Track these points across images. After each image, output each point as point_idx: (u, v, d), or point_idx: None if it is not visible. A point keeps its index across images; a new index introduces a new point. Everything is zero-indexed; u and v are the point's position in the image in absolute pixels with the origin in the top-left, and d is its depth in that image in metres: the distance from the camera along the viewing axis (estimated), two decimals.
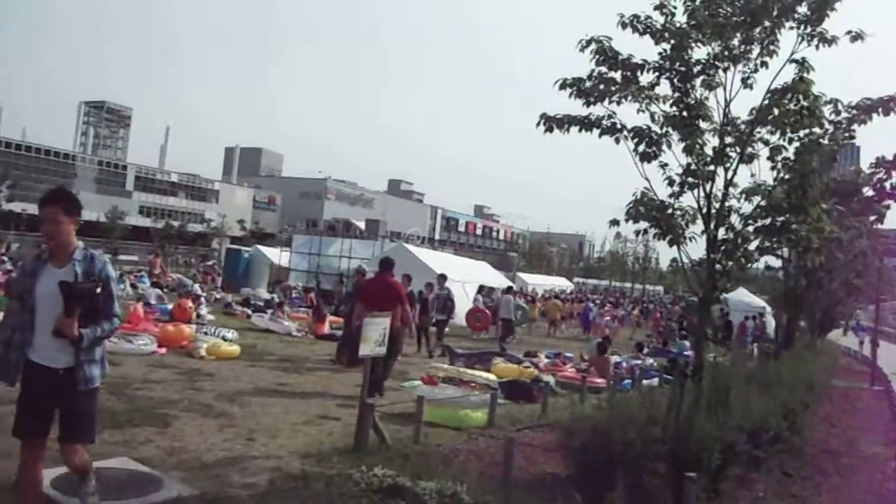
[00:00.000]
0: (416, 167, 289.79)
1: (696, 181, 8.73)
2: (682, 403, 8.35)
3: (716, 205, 8.81)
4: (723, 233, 8.86)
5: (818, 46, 8.49)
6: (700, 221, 8.99)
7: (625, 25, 8.81)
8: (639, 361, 20.49)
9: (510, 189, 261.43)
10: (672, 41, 8.64)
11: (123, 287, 31.32)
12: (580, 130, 8.75)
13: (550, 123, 8.71)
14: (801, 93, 8.29)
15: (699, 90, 8.81)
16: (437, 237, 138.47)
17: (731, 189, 8.86)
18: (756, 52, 8.67)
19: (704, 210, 8.88)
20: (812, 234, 8.53)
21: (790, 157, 8.65)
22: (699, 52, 8.73)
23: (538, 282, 61.87)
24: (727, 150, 8.75)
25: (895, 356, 29.28)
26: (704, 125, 8.82)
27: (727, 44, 8.64)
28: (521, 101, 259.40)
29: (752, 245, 8.98)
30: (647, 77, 8.78)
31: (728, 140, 8.75)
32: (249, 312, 25.39)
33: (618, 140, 8.76)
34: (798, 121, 8.39)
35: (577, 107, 8.87)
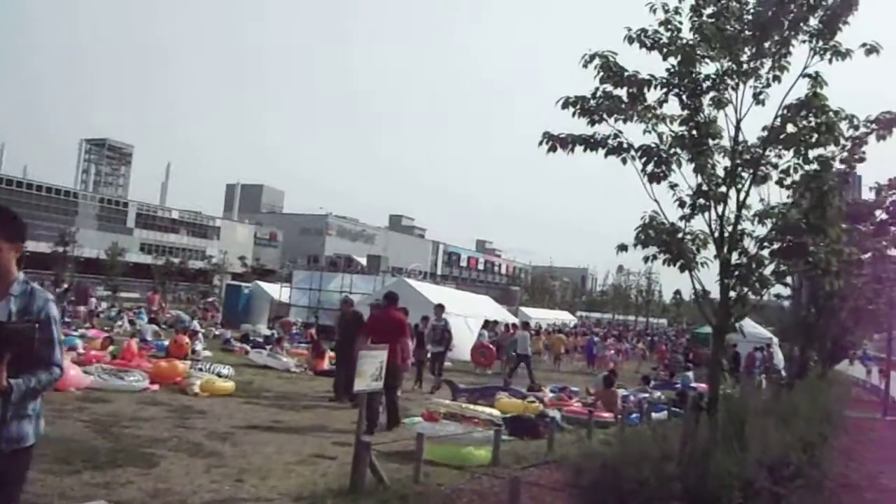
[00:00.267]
0: (418, 203, 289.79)
1: (708, 203, 8.33)
2: (697, 438, 7.90)
3: (728, 228, 8.40)
4: (736, 257, 8.44)
5: (831, 60, 8.12)
6: (711, 245, 8.59)
7: (631, 40, 8.45)
8: (646, 395, 19.98)
9: (512, 223, 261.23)
10: (679, 56, 8.27)
11: (122, 324, 31.13)
12: (585, 150, 8.34)
13: (554, 143, 8.30)
14: (817, 108, 7.90)
15: (708, 108, 8.44)
16: (439, 272, 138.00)
17: (744, 211, 8.45)
18: (767, 67, 8.30)
19: (716, 234, 8.46)
20: (831, 257, 8.11)
21: (807, 176, 8.23)
22: (708, 68, 8.37)
23: (541, 316, 61.21)
24: (739, 171, 8.35)
25: None
26: (714, 144, 8.44)
27: (737, 58, 8.28)
28: (522, 135, 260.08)
29: (768, 269, 8.54)
30: (655, 94, 8.40)
31: (739, 160, 8.36)
32: (248, 348, 25.05)
33: (624, 160, 8.36)
34: (815, 138, 7.99)
35: (582, 127, 8.53)
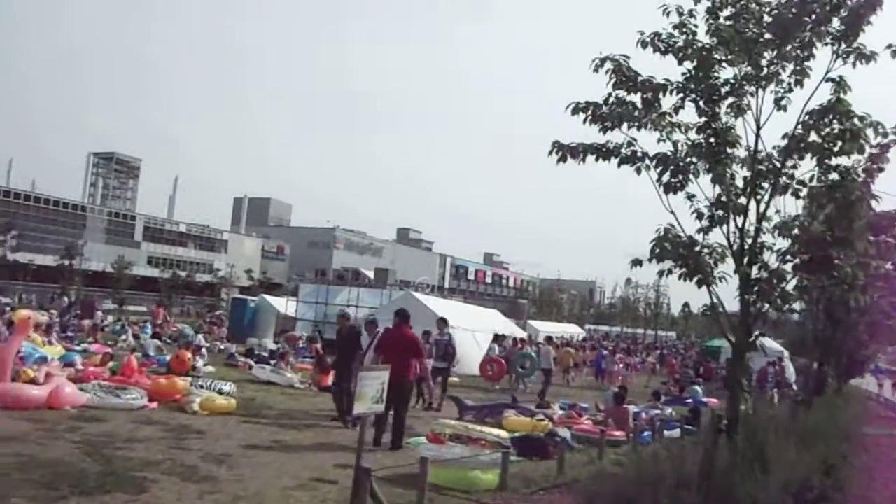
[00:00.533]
0: (425, 216, 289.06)
1: (727, 215, 7.91)
2: (716, 461, 7.46)
3: (748, 241, 7.98)
4: (756, 272, 8.01)
5: (855, 64, 7.71)
6: (729, 260, 8.18)
7: (645, 44, 8.07)
8: (657, 411, 19.49)
9: (519, 236, 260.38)
10: (696, 60, 7.86)
11: (126, 338, 30.75)
12: (597, 159, 7.94)
13: (564, 152, 7.89)
14: (841, 114, 7.48)
15: (726, 115, 8.03)
16: (447, 285, 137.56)
17: (764, 223, 8.03)
18: (789, 71, 7.88)
19: (735, 247, 8.05)
20: (858, 270, 7.67)
21: (830, 186, 7.79)
22: (726, 73, 7.97)
23: (549, 329, 60.57)
24: (759, 181, 7.93)
25: None
26: (733, 153, 8.03)
27: (756, 62, 7.86)
28: (531, 146, 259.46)
29: (790, 285, 8.11)
30: (670, 100, 8.00)
31: (760, 168, 7.94)
32: (252, 363, 24.55)
33: (639, 170, 7.96)
34: (839, 146, 7.57)
35: (593, 135, 8.12)
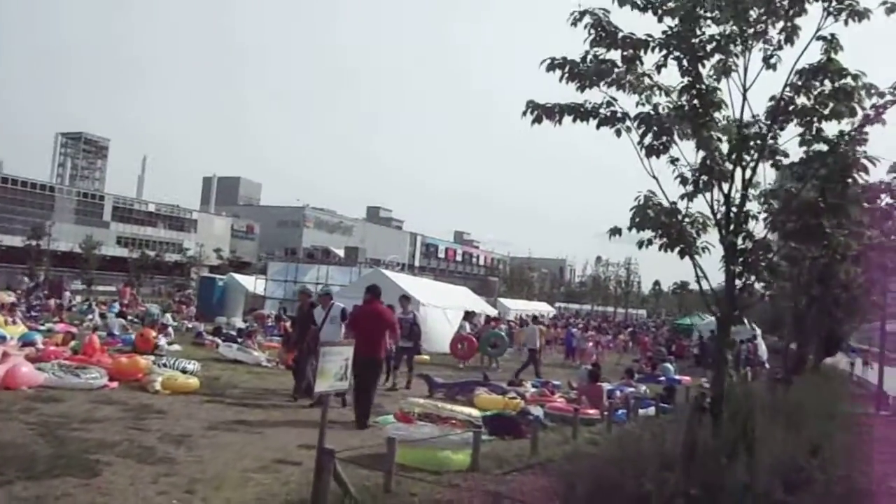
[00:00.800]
0: (395, 194, 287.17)
1: (711, 181, 7.48)
2: (699, 441, 7.09)
3: (733, 209, 7.56)
4: (741, 241, 7.60)
5: (847, 21, 7.27)
6: (712, 229, 7.77)
7: (622, 1, 7.58)
8: (631, 389, 19.21)
9: (490, 215, 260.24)
10: (679, 16, 7.40)
11: (92, 317, 30.07)
12: (574, 120, 7.46)
13: (539, 113, 7.41)
14: (833, 72, 7.06)
15: (710, 77, 7.58)
16: (417, 264, 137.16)
17: (751, 190, 7.61)
18: (779, 28, 7.42)
19: (720, 215, 7.63)
20: (851, 240, 7.28)
21: (820, 151, 7.38)
22: (712, 30, 7.51)
23: (519, 307, 60.44)
24: (746, 146, 7.50)
25: (891, 377, 28.04)
26: (718, 116, 7.60)
27: (744, 18, 7.39)
28: (502, 123, 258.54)
29: (778, 255, 7.71)
30: (653, 58, 7.53)
31: (746, 132, 7.51)
32: (219, 342, 24.01)
33: (619, 132, 7.50)
34: (831, 107, 7.15)
35: (570, 95, 7.65)
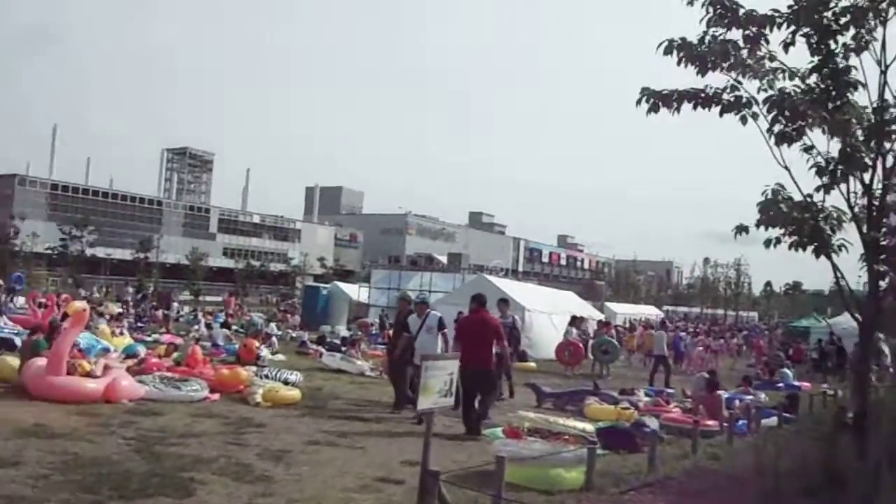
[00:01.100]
0: (498, 199, 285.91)
1: (850, 171, 6.71)
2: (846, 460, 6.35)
3: (875, 202, 6.77)
4: (884, 238, 6.80)
5: None
6: (847, 225, 6.99)
7: None
8: (750, 397, 18.19)
9: (594, 218, 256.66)
10: None
11: (198, 328, 30.36)
12: (695, 107, 6.79)
13: (656, 100, 6.76)
14: None
15: (843, 53, 6.80)
16: (521, 269, 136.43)
17: (894, 180, 6.82)
18: None
19: (857, 209, 6.85)
20: None
21: None
22: (844, 2, 6.74)
23: (626, 311, 59.09)
24: (887, 130, 6.71)
25: None
26: (854, 98, 6.82)
27: None
28: (605, 124, 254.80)
29: None
30: (778, 36, 6.80)
31: (887, 115, 6.72)
32: (323, 351, 23.87)
33: (744, 119, 6.79)
34: None
35: (688, 81, 6.97)
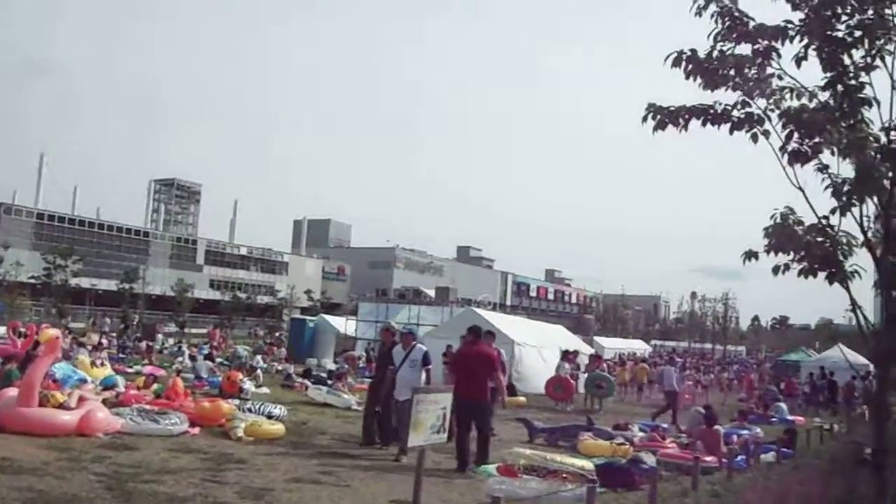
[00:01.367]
0: (485, 232, 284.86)
1: (864, 192, 6.33)
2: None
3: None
4: None
5: None
6: (859, 250, 6.60)
7: None
8: (746, 432, 17.83)
9: (581, 251, 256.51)
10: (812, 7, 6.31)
11: (182, 360, 29.84)
12: (704, 124, 6.39)
13: (663, 117, 6.37)
14: None
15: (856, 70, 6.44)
16: (509, 303, 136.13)
17: None
18: None
19: (871, 232, 6.47)
20: None
21: None
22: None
23: (615, 345, 58.69)
24: None
25: None
26: (868, 116, 6.45)
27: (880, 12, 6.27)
28: (592, 156, 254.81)
29: None
30: (791, 50, 6.44)
31: None
32: (308, 384, 23.39)
33: (755, 137, 6.41)
34: None
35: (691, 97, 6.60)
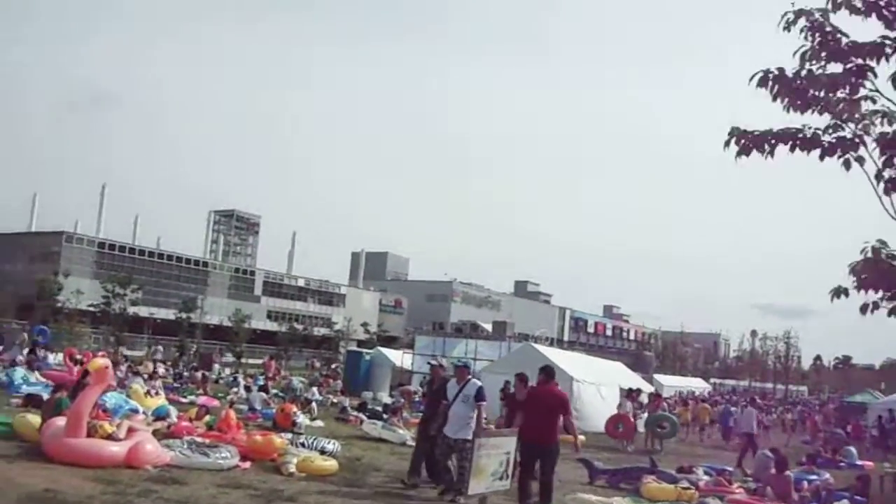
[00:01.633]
0: (543, 266, 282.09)
1: None
2: None
3: None
4: None
5: None
6: None
7: (837, 5, 6.08)
8: (814, 477, 17.05)
9: (640, 288, 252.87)
10: None
11: (237, 390, 29.69)
12: (792, 150, 5.93)
13: (747, 142, 5.92)
14: None
15: None
16: (566, 338, 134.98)
17: None
18: None
19: None
20: None
21: None
22: None
23: (674, 383, 57.70)
24: None
25: None
26: None
27: None
28: (645, 192, 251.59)
29: None
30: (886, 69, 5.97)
31: None
32: (363, 418, 23.03)
33: (848, 163, 5.93)
34: None
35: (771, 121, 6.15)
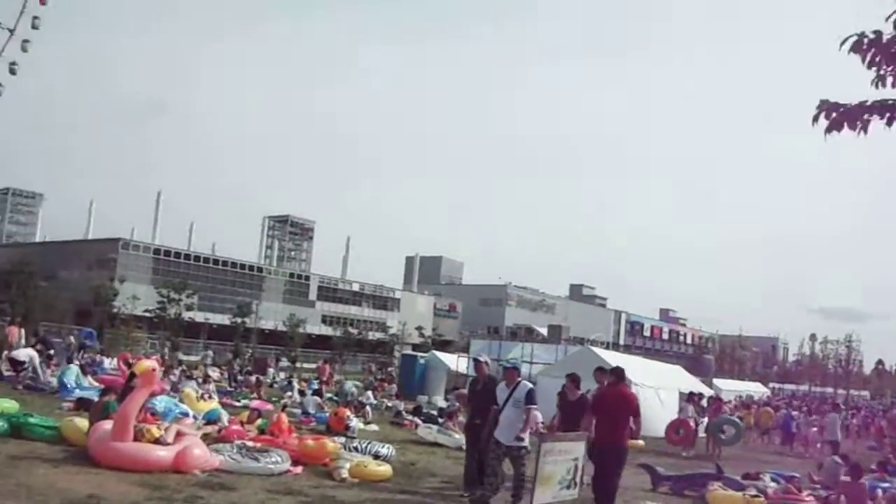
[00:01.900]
0: (598, 270, 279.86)
1: None
2: None
3: None
4: None
5: None
6: None
7: None
8: (887, 484, 16.27)
9: (697, 291, 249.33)
10: None
11: (291, 394, 29.49)
12: (889, 123, 5.35)
13: (838, 115, 5.37)
14: None
15: None
16: (622, 342, 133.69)
17: None
18: None
19: None
20: None
21: None
22: None
23: (732, 387, 56.47)
24: None
25: None
26: None
27: None
28: (705, 195, 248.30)
29: None
30: None
31: None
32: (418, 422, 22.66)
33: None
34: None
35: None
